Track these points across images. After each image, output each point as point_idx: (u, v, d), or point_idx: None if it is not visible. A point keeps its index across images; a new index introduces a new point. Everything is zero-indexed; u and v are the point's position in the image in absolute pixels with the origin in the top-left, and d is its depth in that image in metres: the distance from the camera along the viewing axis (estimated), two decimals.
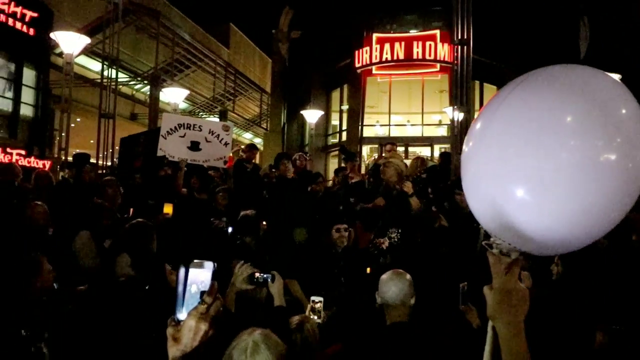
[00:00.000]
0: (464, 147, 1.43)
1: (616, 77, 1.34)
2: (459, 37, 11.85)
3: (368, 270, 4.80)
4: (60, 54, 13.64)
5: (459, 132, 12.60)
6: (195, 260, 1.38)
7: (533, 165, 1.18)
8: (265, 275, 2.94)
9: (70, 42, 10.03)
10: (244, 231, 5.01)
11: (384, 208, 5.54)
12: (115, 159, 13.13)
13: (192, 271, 1.37)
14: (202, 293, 1.34)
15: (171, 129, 6.64)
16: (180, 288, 1.35)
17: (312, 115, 17.72)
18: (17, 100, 16.11)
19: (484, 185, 1.33)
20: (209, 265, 1.39)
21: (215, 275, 1.38)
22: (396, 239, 5.19)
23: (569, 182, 1.15)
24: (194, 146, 6.70)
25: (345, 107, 21.44)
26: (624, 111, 1.19)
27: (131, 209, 5.69)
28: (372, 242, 5.32)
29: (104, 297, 3.32)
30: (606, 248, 4.44)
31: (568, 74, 1.29)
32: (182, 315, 1.34)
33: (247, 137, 27.16)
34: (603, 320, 3.31)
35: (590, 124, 1.15)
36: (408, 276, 3.00)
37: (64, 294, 3.40)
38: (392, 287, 2.91)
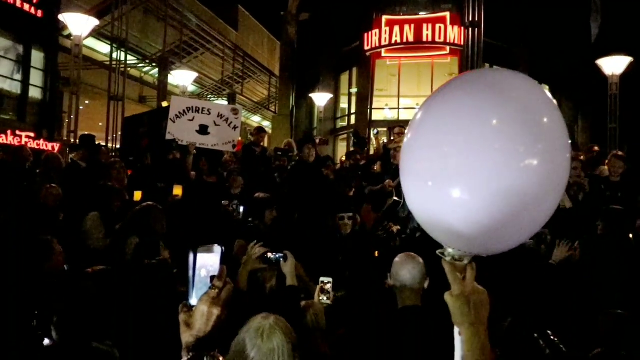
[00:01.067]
0: (401, 154, 1.47)
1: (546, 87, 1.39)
2: (470, 20, 11.66)
3: (376, 254, 4.81)
4: (69, 36, 13.61)
5: None
6: (203, 246, 1.39)
7: (458, 166, 1.24)
8: (277, 255, 2.96)
9: (78, 23, 10.00)
10: (256, 214, 5.04)
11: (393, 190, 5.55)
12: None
13: (201, 256, 1.37)
14: (212, 278, 1.35)
15: (180, 113, 6.62)
16: (190, 273, 1.36)
17: (321, 99, 17.62)
18: (25, 83, 16.14)
19: (417, 187, 1.37)
20: (217, 250, 1.39)
21: (223, 259, 1.39)
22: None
23: (493, 182, 1.21)
24: (203, 130, 6.68)
25: (354, 90, 21.30)
26: (545, 120, 1.27)
27: (137, 192, 5.68)
28: (382, 226, 5.32)
29: (121, 278, 3.35)
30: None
31: (498, 78, 1.35)
32: (193, 300, 1.34)
33: (255, 120, 27.11)
34: (608, 306, 3.32)
35: (514, 129, 1.23)
36: (420, 259, 3.01)
37: (75, 276, 3.43)
38: (407, 270, 2.91)
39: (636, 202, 5.77)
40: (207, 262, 1.37)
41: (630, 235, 4.73)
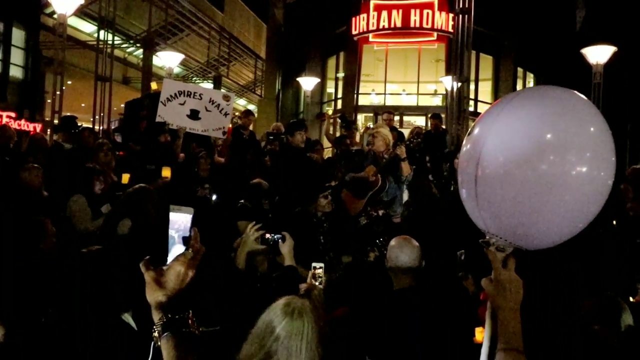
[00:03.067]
0: (463, 147, 1.68)
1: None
2: (460, 6, 11.66)
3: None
4: (51, 14, 13.33)
5: (455, 102, 12.56)
6: (173, 205, 1.38)
7: (521, 174, 1.45)
8: (276, 236, 2.98)
9: (63, 2, 9.77)
10: (252, 200, 5.03)
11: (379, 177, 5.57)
12: (111, 123, 13.00)
13: (171, 215, 1.36)
14: (185, 239, 1.35)
15: (171, 96, 6.55)
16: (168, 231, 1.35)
17: (307, 83, 17.55)
18: (6, 62, 15.80)
19: (480, 187, 1.56)
20: (188, 211, 1.38)
21: (194, 222, 1.37)
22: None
23: (551, 190, 1.42)
24: (194, 114, 6.62)
25: (341, 74, 21.23)
26: (592, 129, 1.49)
27: (125, 175, 5.63)
28: (364, 211, 5.35)
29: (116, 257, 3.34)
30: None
31: (549, 95, 1.59)
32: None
33: (241, 103, 26.92)
34: (595, 287, 3.41)
35: (565, 142, 1.45)
36: (416, 242, 3.07)
37: (68, 257, 3.42)
38: (403, 252, 2.98)
39: (617, 189, 5.91)
40: (178, 222, 1.36)
41: (614, 222, 4.84)
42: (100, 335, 2.01)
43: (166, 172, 5.57)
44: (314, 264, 3.60)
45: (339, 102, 20.95)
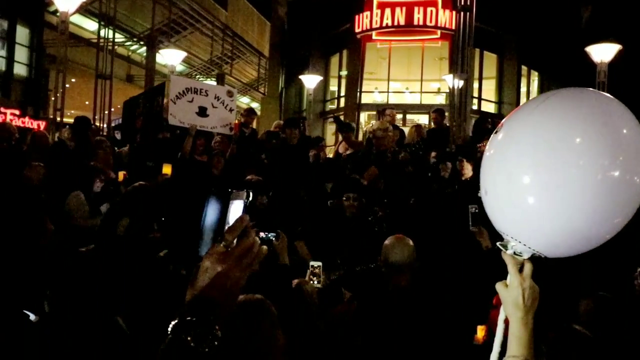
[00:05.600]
0: (487, 151, 1.58)
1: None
2: (462, 3, 11.64)
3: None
4: (55, 12, 13.34)
5: (458, 100, 12.53)
6: (233, 191, 1.17)
7: (548, 179, 1.38)
8: (270, 234, 2.97)
9: None
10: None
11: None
12: (112, 121, 13.02)
13: (231, 205, 1.15)
14: (216, 231, 1.13)
15: (180, 93, 6.55)
16: (201, 222, 1.15)
17: (310, 81, 17.53)
18: (10, 59, 15.85)
19: (505, 190, 1.48)
20: (240, 196, 1.18)
21: (247, 208, 1.16)
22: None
23: (579, 194, 1.36)
24: (202, 112, 6.62)
25: (344, 72, 21.20)
26: (625, 131, 1.42)
27: (120, 172, 5.63)
28: (370, 210, 5.35)
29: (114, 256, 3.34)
30: None
31: (579, 97, 1.50)
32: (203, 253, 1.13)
33: (244, 101, 26.94)
34: (590, 288, 3.40)
35: (597, 145, 1.38)
36: (410, 241, 3.06)
37: (64, 254, 3.42)
38: (397, 252, 2.97)
39: None
40: (233, 212, 1.15)
41: None
42: (91, 337, 2.00)
43: (166, 169, 5.57)
44: (311, 263, 3.60)
45: (342, 100, 20.93)
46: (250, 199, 1.18)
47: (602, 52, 12.37)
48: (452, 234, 4.69)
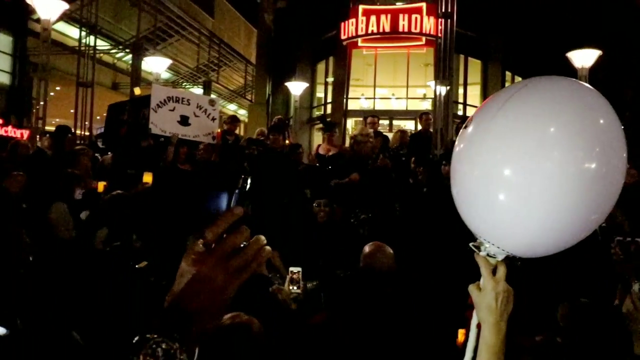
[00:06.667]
0: (456, 147, 1.48)
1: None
2: (443, 10, 11.76)
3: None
4: (39, 20, 13.23)
5: (441, 106, 12.62)
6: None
7: (520, 173, 1.28)
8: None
9: (47, 7, 9.73)
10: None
11: (359, 183, 5.58)
12: (93, 130, 12.92)
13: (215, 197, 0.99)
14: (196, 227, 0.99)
15: (161, 102, 6.53)
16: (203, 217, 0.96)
17: (296, 87, 17.55)
18: None
19: (474, 188, 1.39)
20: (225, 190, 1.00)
21: (237, 200, 0.96)
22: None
23: (553, 189, 1.26)
24: (184, 121, 6.62)
25: (330, 79, 21.25)
26: (601, 121, 1.31)
27: (100, 182, 5.57)
28: (353, 212, 5.36)
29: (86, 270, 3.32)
30: None
31: (553, 87, 1.40)
32: None
33: (231, 108, 26.88)
34: (569, 294, 3.43)
35: (572, 136, 1.28)
36: (389, 248, 3.08)
37: (40, 267, 3.39)
38: (376, 258, 2.98)
39: None
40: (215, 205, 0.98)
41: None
42: (45, 352, 1.98)
43: (147, 178, 5.55)
44: (291, 269, 3.59)
45: (329, 107, 20.97)
46: (248, 186, 0.99)
47: (583, 58, 12.55)
48: (436, 238, 4.71)
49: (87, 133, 13.13)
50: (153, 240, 4.10)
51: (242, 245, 0.91)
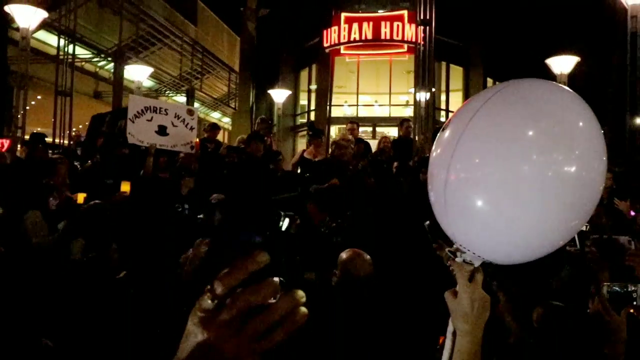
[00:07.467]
0: (432, 152, 1.43)
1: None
2: (422, 18, 11.91)
3: None
4: (18, 29, 13.11)
5: (424, 113, 12.75)
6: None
7: (498, 177, 1.24)
8: (257, 238, 2.93)
9: (26, 15, 9.67)
10: (207, 213, 5.02)
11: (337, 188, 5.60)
12: (79, 137, 12.81)
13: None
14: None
15: (138, 112, 6.50)
16: None
17: (279, 95, 17.59)
18: None
19: (449, 193, 1.34)
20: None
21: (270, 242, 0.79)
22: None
23: (532, 193, 1.22)
24: (162, 131, 6.58)
25: (313, 87, 21.35)
26: (581, 124, 1.28)
27: (80, 194, 5.53)
28: (324, 222, 5.36)
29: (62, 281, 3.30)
30: None
31: (532, 90, 1.36)
32: None
33: (215, 116, 26.82)
34: (545, 297, 3.47)
35: (551, 139, 1.24)
36: (367, 255, 3.10)
37: (14, 275, 3.35)
38: (355, 264, 2.99)
39: None
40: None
41: None
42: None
43: (125, 187, 5.51)
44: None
45: (312, 114, 21.04)
46: (285, 226, 0.84)
47: (562, 64, 12.77)
48: (413, 245, 4.74)
49: (66, 142, 13.00)
50: (132, 251, 4.08)
51: (268, 302, 0.69)
